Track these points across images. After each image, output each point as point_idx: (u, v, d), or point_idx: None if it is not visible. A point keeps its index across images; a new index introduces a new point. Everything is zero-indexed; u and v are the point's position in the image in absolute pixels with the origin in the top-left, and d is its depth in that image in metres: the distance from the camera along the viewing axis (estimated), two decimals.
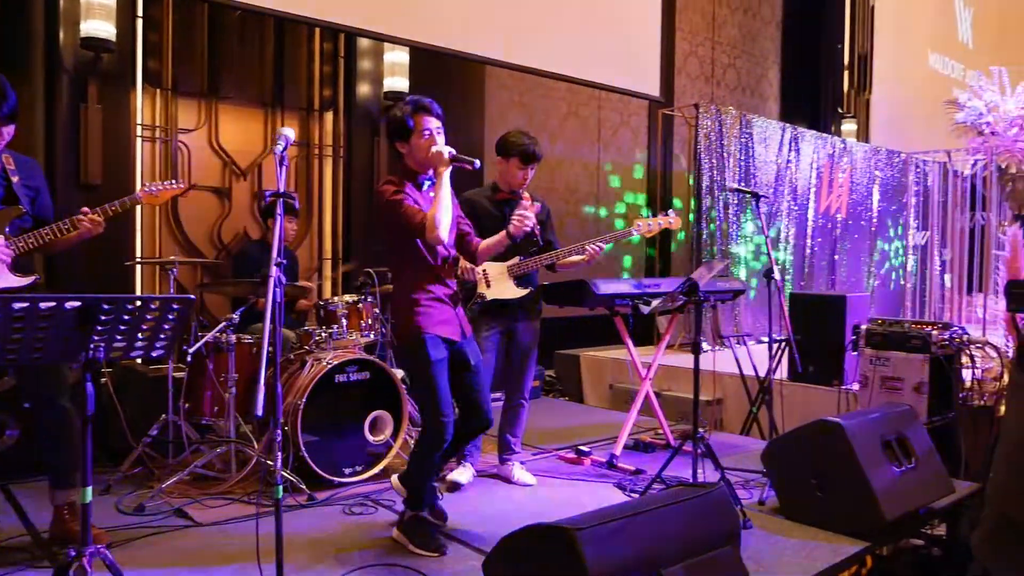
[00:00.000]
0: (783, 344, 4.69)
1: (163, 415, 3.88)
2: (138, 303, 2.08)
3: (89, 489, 2.08)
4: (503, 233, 3.21)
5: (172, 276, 3.92)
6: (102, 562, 2.17)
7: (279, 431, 2.26)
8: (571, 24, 6.28)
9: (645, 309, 3.74)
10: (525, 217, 3.14)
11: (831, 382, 4.93)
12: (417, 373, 3.08)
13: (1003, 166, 7.70)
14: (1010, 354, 4.38)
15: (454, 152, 3.00)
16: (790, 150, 7.16)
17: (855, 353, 4.56)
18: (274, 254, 2.28)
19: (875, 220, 8.24)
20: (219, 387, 3.85)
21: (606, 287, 3.97)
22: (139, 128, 5.22)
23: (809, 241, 7.50)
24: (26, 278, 2.85)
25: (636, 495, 3.64)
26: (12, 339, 1.96)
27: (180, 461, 3.84)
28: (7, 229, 2.81)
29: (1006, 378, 3.84)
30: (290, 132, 2.54)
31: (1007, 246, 6.88)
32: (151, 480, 3.76)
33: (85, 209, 2.88)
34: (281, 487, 2.28)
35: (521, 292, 3.68)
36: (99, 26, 4.74)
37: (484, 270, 3.69)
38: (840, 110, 9.80)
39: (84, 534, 2.07)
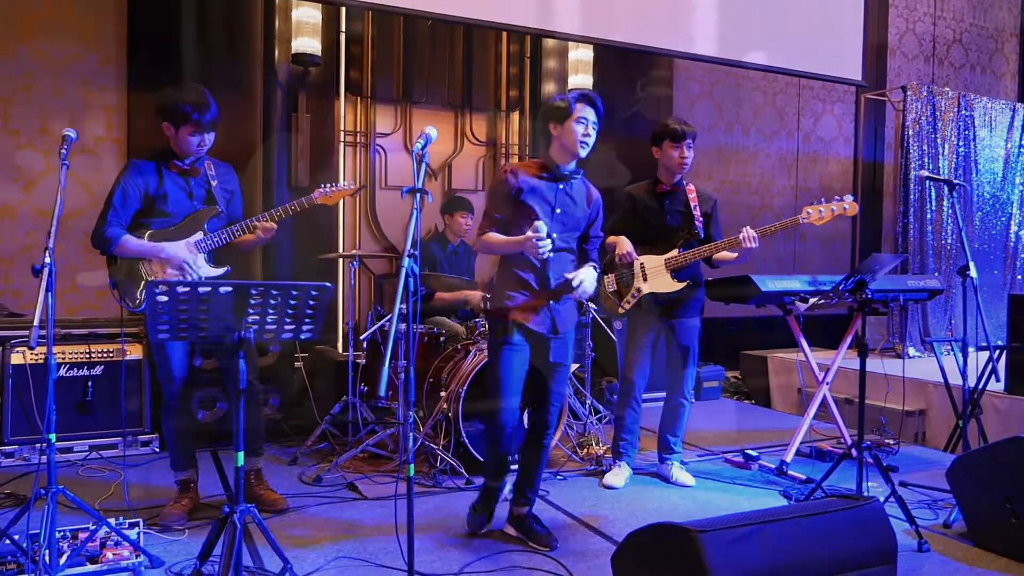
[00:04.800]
0: (998, 351, 4.17)
1: (344, 396, 4.23)
2: (281, 289, 2.30)
3: (241, 454, 2.31)
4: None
5: (353, 268, 4.24)
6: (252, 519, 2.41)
7: (411, 415, 2.39)
8: (766, 10, 5.96)
9: (802, 307, 3.46)
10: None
11: None
12: None
13: None
14: None
15: None
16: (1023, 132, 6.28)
17: None
18: (407, 246, 2.42)
19: None
20: (392, 373, 4.11)
21: (773, 283, 3.71)
22: (342, 134, 5.70)
23: None
24: (219, 269, 3.24)
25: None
26: (180, 319, 2.25)
27: (356, 439, 4.17)
28: (206, 226, 3.20)
29: None
30: (432, 131, 2.66)
31: None
32: (331, 455, 4.12)
33: (256, 219, 3.19)
34: (412, 466, 2.40)
35: (679, 285, 3.56)
36: (307, 43, 5.25)
37: (642, 263, 3.62)
38: None
39: (236, 494, 2.31)
